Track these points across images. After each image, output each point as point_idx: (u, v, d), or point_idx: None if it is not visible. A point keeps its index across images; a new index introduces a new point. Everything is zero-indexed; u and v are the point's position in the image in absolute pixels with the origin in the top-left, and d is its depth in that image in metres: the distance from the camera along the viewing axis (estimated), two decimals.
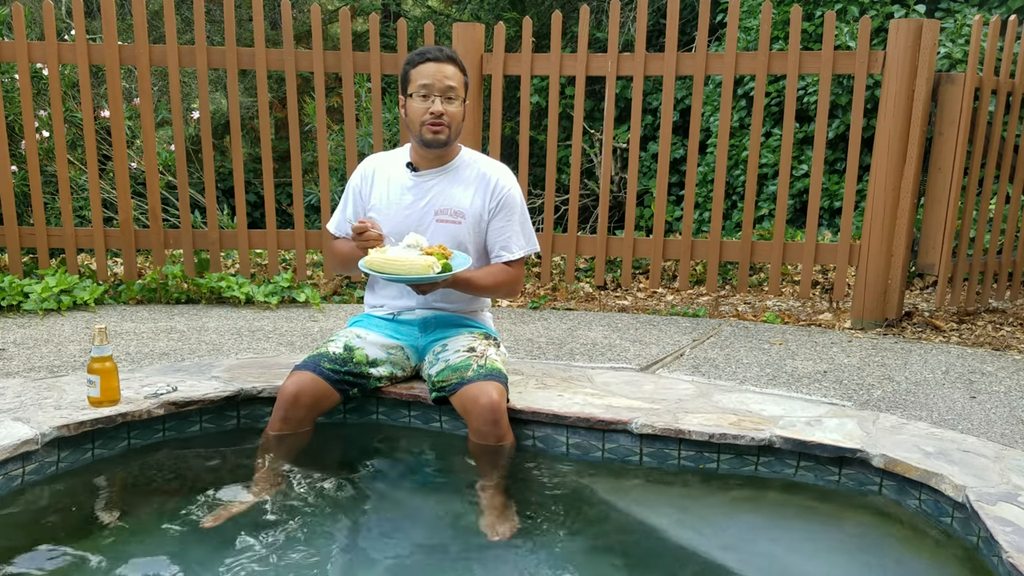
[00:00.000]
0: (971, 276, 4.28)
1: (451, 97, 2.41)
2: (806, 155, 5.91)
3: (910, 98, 3.81)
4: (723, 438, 2.26)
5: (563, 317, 4.07)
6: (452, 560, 1.92)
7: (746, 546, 1.97)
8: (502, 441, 2.29)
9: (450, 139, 2.46)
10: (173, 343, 3.32)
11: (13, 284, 3.85)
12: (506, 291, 2.59)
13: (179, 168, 4.31)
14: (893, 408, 2.72)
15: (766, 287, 4.85)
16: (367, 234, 2.35)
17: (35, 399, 2.39)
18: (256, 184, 7.22)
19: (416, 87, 2.41)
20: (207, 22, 4.74)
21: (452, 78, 2.41)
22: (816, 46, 5.63)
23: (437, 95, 2.40)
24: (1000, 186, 4.32)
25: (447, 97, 2.41)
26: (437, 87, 2.39)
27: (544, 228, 4.48)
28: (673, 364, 3.22)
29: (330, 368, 2.41)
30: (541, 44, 6.81)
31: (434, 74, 2.39)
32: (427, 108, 2.40)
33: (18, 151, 4.74)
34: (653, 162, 6.70)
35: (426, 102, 2.40)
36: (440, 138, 2.44)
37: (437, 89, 2.39)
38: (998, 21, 3.95)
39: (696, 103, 4.15)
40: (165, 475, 2.30)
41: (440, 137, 2.44)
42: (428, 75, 2.39)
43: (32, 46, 4.09)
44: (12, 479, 2.07)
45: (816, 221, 4.08)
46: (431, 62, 2.40)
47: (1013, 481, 2.01)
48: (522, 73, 4.24)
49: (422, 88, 2.40)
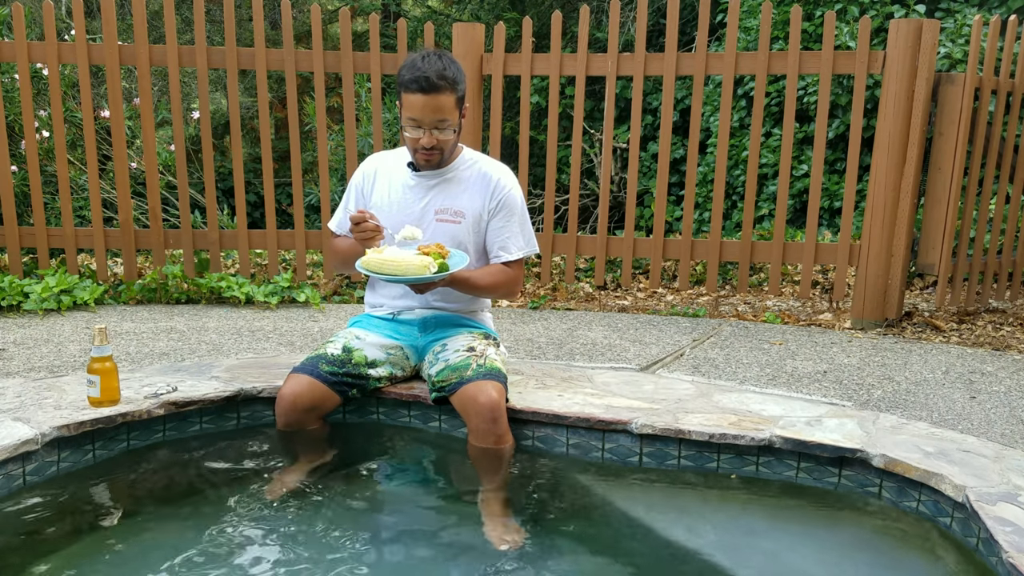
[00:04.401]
0: (971, 276, 4.28)
1: (442, 127, 2.37)
2: (806, 155, 5.91)
3: (910, 98, 3.81)
4: (723, 438, 2.26)
5: (563, 317, 4.07)
6: (457, 561, 1.92)
7: (746, 546, 1.97)
8: (501, 441, 2.29)
9: (443, 160, 2.47)
10: (173, 343, 3.32)
11: (13, 284, 3.85)
12: (505, 292, 2.59)
13: (179, 168, 4.31)
14: (893, 408, 2.72)
15: (766, 287, 4.85)
16: (364, 224, 2.35)
17: (35, 399, 2.39)
18: (256, 184, 7.23)
19: (406, 117, 2.37)
20: (207, 22, 4.73)
21: (442, 109, 2.33)
22: (816, 46, 5.63)
23: (427, 128, 2.36)
24: (1000, 186, 4.32)
25: (438, 127, 2.37)
26: (427, 121, 2.35)
27: (544, 228, 4.48)
28: (673, 364, 3.22)
29: (328, 370, 2.41)
30: (541, 44, 6.81)
31: (423, 107, 2.32)
32: (417, 138, 2.38)
33: (18, 151, 4.74)
34: (653, 162, 6.70)
35: (417, 131, 2.37)
36: (432, 163, 2.46)
37: (427, 123, 2.35)
38: (998, 21, 3.95)
39: (696, 103, 4.15)
40: (165, 475, 2.30)
41: (432, 162, 2.46)
42: (417, 109, 2.33)
43: (32, 46, 4.09)
44: (12, 479, 2.07)
45: (816, 221, 4.08)
46: (420, 94, 2.30)
47: (1013, 481, 2.01)
48: (522, 73, 4.25)
49: (411, 120, 2.36)
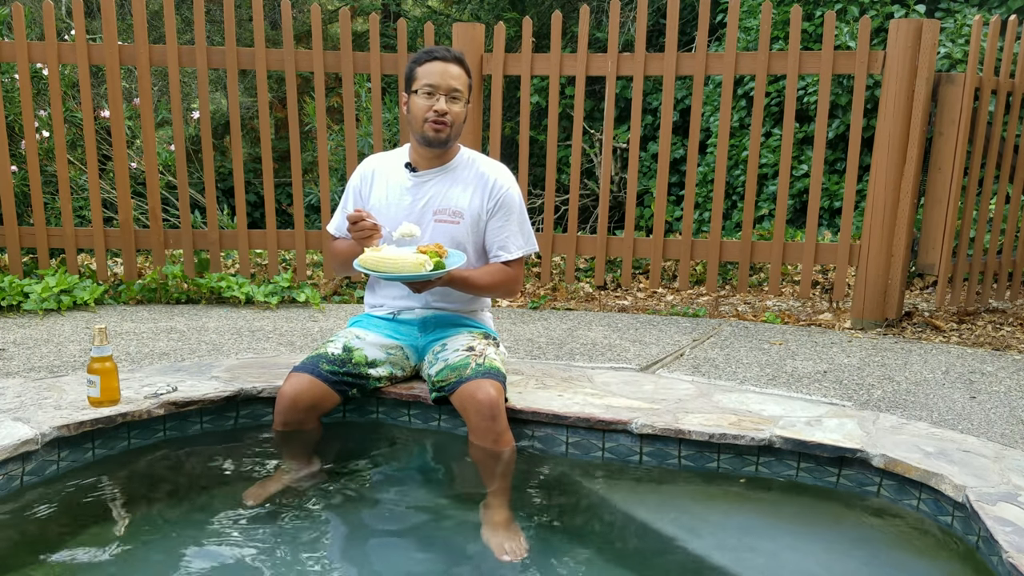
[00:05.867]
0: (971, 276, 4.28)
1: (455, 97, 2.43)
2: (806, 155, 5.91)
3: (910, 98, 3.81)
4: (723, 438, 2.26)
5: (563, 317, 4.07)
6: (458, 561, 1.92)
7: (746, 546, 1.97)
8: (501, 440, 2.29)
9: (450, 138, 2.47)
10: (173, 343, 3.32)
11: (13, 284, 3.85)
12: (504, 291, 2.59)
13: (179, 168, 4.31)
14: (893, 408, 2.72)
15: (766, 287, 4.85)
16: (362, 223, 2.35)
17: (35, 399, 2.39)
18: (256, 184, 7.23)
19: (421, 84, 2.42)
20: (207, 22, 4.74)
21: (458, 79, 2.43)
22: (816, 46, 5.63)
23: (442, 94, 2.41)
24: (1000, 186, 4.31)
25: (452, 97, 2.43)
26: (443, 87, 2.41)
27: (544, 228, 4.48)
28: (673, 364, 3.22)
29: (328, 369, 2.41)
30: (541, 44, 6.81)
31: (441, 73, 2.41)
32: (431, 106, 2.41)
33: (18, 151, 4.74)
34: (653, 162, 6.70)
35: (430, 99, 2.42)
36: (441, 136, 2.45)
37: (442, 88, 2.41)
38: (998, 21, 3.95)
39: (696, 103, 4.15)
40: (165, 475, 2.30)
41: (441, 136, 2.45)
42: (435, 74, 2.41)
43: (32, 46, 4.09)
44: (12, 479, 2.07)
45: (816, 221, 4.08)
46: (438, 61, 2.42)
47: (1013, 481, 2.01)
48: (522, 73, 4.25)
49: (427, 86, 2.41)
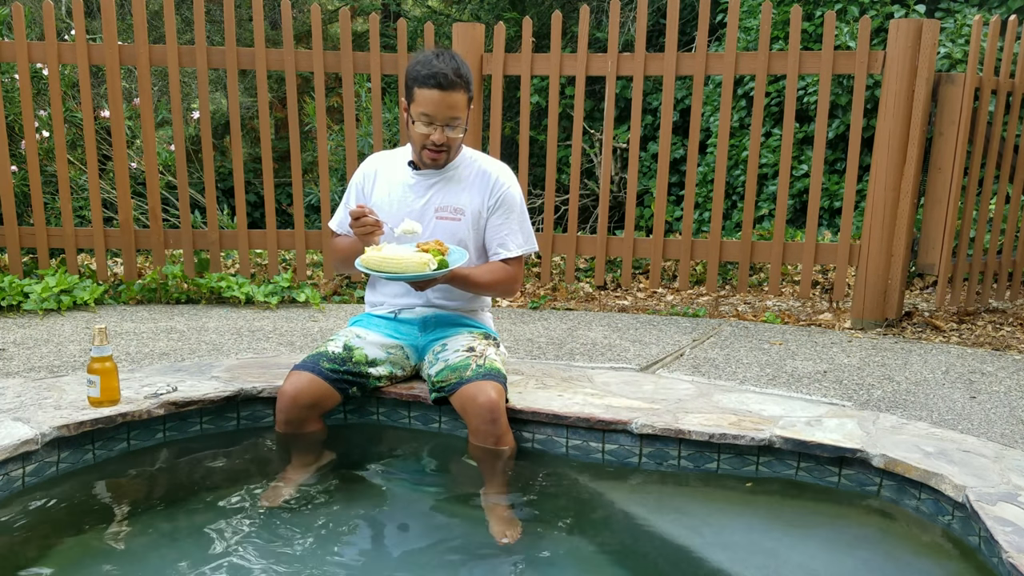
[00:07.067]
0: (971, 276, 4.28)
1: (454, 125, 2.38)
2: (806, 155, 5.90)
3: (910, 98, 3.81)
4: (723, 438, 2.26)
5: (563, 317, 4.07)
6: (458, 562, 1.92)
7: (746, 546, 1.97)
8: (501, 442, 2.29)
9: (448, 162, 2.48)
10: (173, 343, 3.31)
11: (13, 284, 3.85)
12: (504, 289, 2.59)
13: (179, 168, 4.31)
14: (893, 408, 2.72)
15: (766, 287, 4.85)
16: (364, 219, 2.33)
17: (35, 399, 2.39)
18: (256, 184, 7.22)
19: (419, 112, 2.35)
20: (207, 22, 4.73)
21: (456, 106, 2.35)
22: (816, 46, 5.62)
23: (440, 124, 2.36)
24: (1000, 186, 4.32)
25: (450, 125, 2.37)
26: (440, 117, 2.34)
27: (544, 228, 4.48)
28: (673, 364, 3.22)
29: (329, 368, 2.41)
30: (541, 44, 6.81)
31: (439, 103, 2.32)
32: (428, 134, 2.37)
33: (18, 151, 4.74)
34: (653, 162, 6.69)
35: (428, 128, 2.37)
36: (438, 163, 2.46)
37: (440, 119, 2.35)
38: (998, 21, 3.95)
39: (696, 103, 4.15)
40: (165, 475, 2.30)
41: (438, 163, 2.46)
42: (432, 105, 2.32)
43: (32, 46, 4.09)
44: (12, 479, 2.07)
45: (816, 221, 4.08)
46: (437, 90, 2.30)
47: (1013, 481, 2.01)
48: (522, 73, 4.24)
49: (424, 116, 2.35)
